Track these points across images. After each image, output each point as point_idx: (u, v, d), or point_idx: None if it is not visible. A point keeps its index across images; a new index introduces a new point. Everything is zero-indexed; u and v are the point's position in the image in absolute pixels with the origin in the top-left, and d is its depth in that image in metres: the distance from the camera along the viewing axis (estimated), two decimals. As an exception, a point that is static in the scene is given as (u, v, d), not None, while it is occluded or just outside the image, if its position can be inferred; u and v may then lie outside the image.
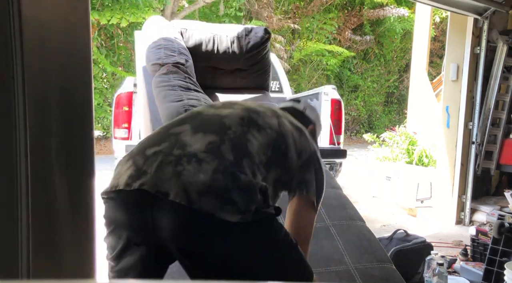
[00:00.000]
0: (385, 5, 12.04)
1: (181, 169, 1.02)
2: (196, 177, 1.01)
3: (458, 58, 3.96)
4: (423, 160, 5.20)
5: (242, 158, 1.10)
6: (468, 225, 3.89)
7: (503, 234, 2.40)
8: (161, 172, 1.03)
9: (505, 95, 3.83)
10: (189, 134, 1.12)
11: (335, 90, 3.53)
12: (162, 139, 1.13)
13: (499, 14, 3.87)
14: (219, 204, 0.99)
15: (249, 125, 1.19)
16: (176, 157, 1.05)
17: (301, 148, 1.29)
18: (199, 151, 1.06)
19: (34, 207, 0.76)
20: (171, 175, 1.02)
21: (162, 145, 1.10)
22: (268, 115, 1.27)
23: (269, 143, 1.19)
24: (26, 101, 0.74)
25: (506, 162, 3.81)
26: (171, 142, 1.11)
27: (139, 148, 1.14)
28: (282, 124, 1.27)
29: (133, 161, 1.10)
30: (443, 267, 2.31)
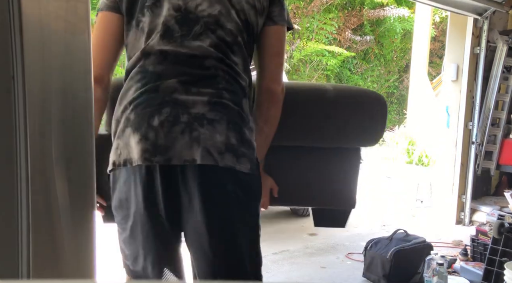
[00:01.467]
0: (385, 5, 12.05)
1: (197, 134, 1.07)
2: (214, 138, 1.08)
3: (458, 58, 3.97)
4: (423, 160, 5.21)
5: (241, 102, 1.17)
6: (468, 225, 3.89)
7: (503, 234, 2.40)
8: (180, 142, 1.07)
9: (505, 95, 3.83)
10: (183, 93, 1.11)
11: (335, 90, 3.53)
12: (158, 104, 1.10)
13: (499, 14, 3.88)
14: (235, 159, 1.10)
15: (226, 55, 1.17)
16: (186, 123, 1.08)
17: None
18: (206, 111, 1.10)
19: (34, 207, 0.76)
20: (191, 142, 1.07)
21: (163, 112, 1.09)
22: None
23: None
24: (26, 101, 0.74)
25: (506, 162, 3.81)
26: (169, 106, 1.09)
27: (139, 117, 1.10)
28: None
29: (141, 134, 1.08)
30: (443, 267, 2.31)
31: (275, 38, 1.24)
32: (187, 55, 1.14)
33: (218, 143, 1.08)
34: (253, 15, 1.19)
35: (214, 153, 1.08)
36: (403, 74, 13.39)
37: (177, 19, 1.15)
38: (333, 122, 1.43)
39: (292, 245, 3.35)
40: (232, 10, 1.16)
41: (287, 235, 3.64)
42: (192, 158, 1.07)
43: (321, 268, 2.91)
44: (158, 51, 1.14)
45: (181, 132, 1.07)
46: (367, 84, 12.75)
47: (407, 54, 12.29)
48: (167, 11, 1.14)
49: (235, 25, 1.17)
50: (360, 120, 1.46)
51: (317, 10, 11.88)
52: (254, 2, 1.19)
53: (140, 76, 1.14)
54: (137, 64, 1.15)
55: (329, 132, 1.45)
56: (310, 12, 11.87)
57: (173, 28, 1.14)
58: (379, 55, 12.95)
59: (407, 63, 12.58)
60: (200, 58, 1.14)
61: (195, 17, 1.15)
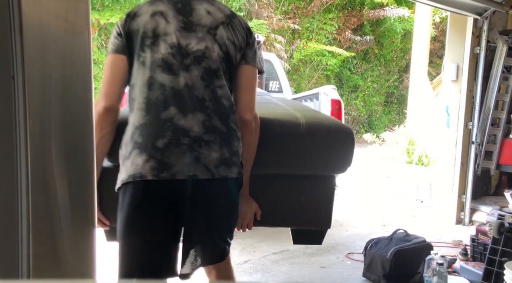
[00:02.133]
0: (385, 6, 12.05)
1: (196, 154, 1.35)
2: (210, 156, 1.37)
3: (458, 58, 3.96)
4: (423, 160, 5.20)
5: (228, 120, 1.44)
6: (468, 225, 3.89)
7: (503, 234, 2.40)
8: (183, 160, 1.34)
9: (505, 95, 3.83)
10: (181, 117, 1.37)
11: (335, 90, 3.54)
12: (161, 129, 1.35)
13: (499, 14, 3.88)
14: (228, 168, 1.40)
15: (212, 82, 1.43)
16: (187, 145, 1.35)
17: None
18: (202, 134, 1.37)
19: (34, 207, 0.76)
20: (192, 161, 1.34)
21: (166, 135, 1.35)
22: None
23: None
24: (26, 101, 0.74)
25: (506, 162, 3.81)
26: (171, 130, 1.35)
27: (145, 139, 1.35)
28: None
29: (148, 154, 1.33)
30: (443, 267, 2.31)
31: (247, 76, 1.51)
32: (182, 84, 1.39)
33: (214, 159, 1.37)
34: (233, 49, 1.46)
35: (211, 168, 1.36)
36: (403, 74, 13.39)
37: (173, 54, 1.41)
38: (306, 154, 1.64)
39: (292, 245, 3.35)
40: (215, 45, 1.44)
41: (287, 235, 3.62)
42: (193, 173, 1.34)
43: (321, 268, 2.91)
44: (159, 83, 1.39)
45: (183, 153, 1.34)
46: (367, 84, 12.74)
47: (407, 54, 12.29)
48: (164, 49, 1.40)
49: (218, 56, 1.44)
50: (330, 152, 1.66)
51: (317, 10, 11.87)
52: (234, 39, 1.46)
53: (145, 105, 1.38)
54: (142, 94, 1.39)
55: (302, 162, 1.66)
56: (310, 12, 11.86)
57: (170, 62, 1.40)
58: (379, 55, 12.95)
59: (407, 63, 12.57)
60: (192, 87, 1.40)
61: (186, 52, 1.41)
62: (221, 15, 1.47)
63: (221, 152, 1.38)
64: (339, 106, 3.44)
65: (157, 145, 1.33)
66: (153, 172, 1.31)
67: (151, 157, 1.32)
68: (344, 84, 12.62)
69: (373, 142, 6.26)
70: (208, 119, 1.39)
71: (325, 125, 1.72)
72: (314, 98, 3.68)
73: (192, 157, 1.34)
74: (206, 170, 1.35)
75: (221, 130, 1.40)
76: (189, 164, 1.33)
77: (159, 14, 1.43)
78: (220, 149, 1.38)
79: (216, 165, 1.36)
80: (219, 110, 1.42)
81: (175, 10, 1.44)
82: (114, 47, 1.44)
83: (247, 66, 1.50)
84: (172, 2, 1.46)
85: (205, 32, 1.44)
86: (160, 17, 1.42)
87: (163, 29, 1.41)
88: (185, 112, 1.37)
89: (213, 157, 1.36)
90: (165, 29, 1.41)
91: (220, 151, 1.38)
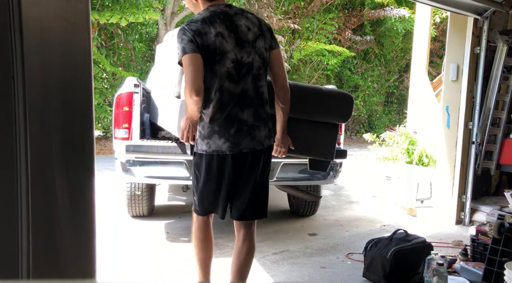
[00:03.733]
0: (386, 6, 12.05)
1: (253, 135, 2.05)
2: (260, 135, 2.08)
3: (458, 58, 3.96)
4: (423, 160, 5.20)
5: (266, 108, 2.12)
6: (468, 225, 3.89)
7: (503, 234, 2.40)
8: (246, 140, 2.04)
9: (505, 95, 3.83)
10: (241, 113, 2.02)
11: (335, 90, 3.54)
12: (231, 121, 2.01)
13: (499, 14, 3.88)
14: (270, 140, 2.14)
15: (256, 84, 2.06)
16: (246, 130, 2.03)
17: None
18: (254, 121, 2.05)
19: (34, 207, 0.76)
20: (251, 139, 2.05)
21: (235, 125, 2.01)
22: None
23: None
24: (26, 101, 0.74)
25: (506, 162, 3.81)
26: (236, 121, 2.01)
27: (221, 129, 2.00)
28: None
29: (225, 138, 2.01)
30: (443, 267, 2.31)
31: (277, 56, 2.15)
32: (240, 90, 2.02)
33: (263, 136, 2.09)
34: (265, 53, 2.09)
35: (262, 141, 2.09)
36: (403, 74, 13.39)
37: (234, 67, 1.99)
38: (324, 107, 2.57)
39: (292, 245, 3.35)
40: (256, 55, 2.04)
41: (287, 235, 3.64)
42: (253, 147, 2.06)
43: (321, 268, 2.91)
44: (226, 89, 1.99)
45: (245, 135, 2.04)
46: (367, 84, 12.74)
47: (407, 54, 12.28)
48: (228, 64, 1.98)
49: (259, 64, 2.06)
50: (337, 107, 2.61)
51: (317, 10, 11.87)
52: (265, 45, 2.08)
53: (218, 105, 1.99)
54: (216, 97, 1.98)
55: (322, 112, 2.57)
56: (310, 12, 11.86)
57: (232, 73, 1.99)
58: (379, 55, 12.95)
59: (407, 63, 12.57)
60: (246, 90, 2.03)
61: (241, 64, 2.01)
62: (256, 29, 2.04)
63: (265, 131, 2.09)
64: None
65: (230, 132, 2.00)
66: (229, 149, 2.01)
67: (227, 139, 2.00)
68: (344, 84, 12.62)
69: (373, 142, 6.26)
70: (255, 111, 2.06)
71: (335, 91, 2.81)
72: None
73: (250, 137, 2.04)
74: (259, 144, 2.07)
75: (263, 117, 2.09)
76: (249, 142, 2.04)
77: (219, 35, 1.95)
78: (264, 130, 2.09)
79: (265, 139, 2.09)
80: (261, 104, 2.09)
81: (228, 30, 1.97)
82: (191, 48, 1.91)
83: (275, 50, 2.13)
84: (222, 20, 1.97)
85: (250, 47, 2.01)
86: (221, 37, 1.95)
87: (225, 48, 1.96)
88: (243, 109, 2.02)
89: (262, 135, 2.07)
90: (226, 48, 1.96)
91: (265, 131, 2.09)
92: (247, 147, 2.04)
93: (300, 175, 3.37)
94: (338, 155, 3.27)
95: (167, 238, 3.47)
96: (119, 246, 3.26)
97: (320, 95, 2.60)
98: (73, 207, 0.84)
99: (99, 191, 4.26)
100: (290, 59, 11.43)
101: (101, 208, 3.80)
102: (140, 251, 3.17)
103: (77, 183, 0.85)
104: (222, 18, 1.97)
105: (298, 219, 4.14)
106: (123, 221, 3.86)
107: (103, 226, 3.62)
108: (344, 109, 2.62)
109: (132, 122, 3.31)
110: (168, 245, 3.32)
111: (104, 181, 5.29)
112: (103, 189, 4.97)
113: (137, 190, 3.68)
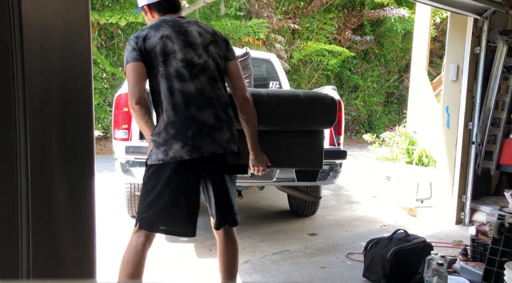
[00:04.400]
0: (386, 6, 12.05)
1: (213, 137, 1.89)
2: (222, 138, 1.91)
3: (458, 58, 3.96)
4: (423, 160, 5.20)
5: (228, 111, 1.98)
6: (468, 225, 3.89)
7: (503, 234, 2.40)
8: (205, 142, 1.87)
9: (505, 95, 3.83)
10: (199, 113, 1.88)
11: (335, 91, 3.53)
12: (188, 123, 1.85)
13: (499, 14, 3.88)
14: (233, 145, 1.97)
15: (214, 86, 1.95)
16: (206, 132, 1.87)
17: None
18: (214, 123, 1.90)
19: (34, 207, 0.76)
20: (211, 142, 1.88)
21: (193, 127, 1.85)
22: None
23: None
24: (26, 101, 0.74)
25: (506, 162, 3.81)
26: (195, 123, 1.86)
27: (178, 132, 1.84)
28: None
29: (183, 142, 1.84)
30: (443, 267, 2.31)
31: (234, 68, 2.07)
32: (195, 89, 1.90)
33: (225, 139, 1.92)
34: (220, 59, 2.02)
35: (224, 145, 1.92)
36: (403, 74, 13.39)
37: (183, 66, 1.89)
38: (302, 115, 2.30)
39: (292, 245, 3.35)
40: (210, 59, 1.98)
41: (287, 235, 3.64)
42: (213, 150, 1.89)
43: (321, 268, 2.91)
44: (177, 89, 1.87)
45: (205, 137, 1.87)
46: (367, 84, 12.74)
47: (407, 54, 12.29)
48: (176, 63, 1.89)
49: (213, 67, 1.97)
50: (319, 113, 2.33)
51: (317, 10, 11.87)
52: (219, 52, 2.02)
53: (171, 106, 1.86)
54: (166, 99, 1.87)
55: (300, 120, 2.32)
56: (310, 12, 11.86)
57: (182, 72, 1.89)
58: (379, 55, 12.95)
59: (407, 63, 12.57)
60: (202, 90, 1.91)
61: (192, 64, 1.92)
62: (209, 36, 2.01)
63: (227, 134, 1.94)
64: (339, 107, 3.44)
65: (187, 135, 1.84)
66: (188, 153, 1.84)
67: (185, 143, 1.84)
68: (344, 84, 12.62)
69: (373, 142, 6.26)
70: (216, 112, 1.92)
71: (315, 95, 2.38)
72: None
73: (210, 139, 1.88)
74: (220, 147, 1.90)
75: (225, 119, 1.95)
76: (209, 144, 1.87)
77: (165, 37, 1.90)
78: (227, 132, 1.94)
79: (227, 143, 1.93)
80: (222, 105, 1.95)
81: (175, 33, 1.92)
82: (132, 57, 1.88)
83: (231, 62, 2.06)
84: (171, 26, 1.94)
85: (201, 49, 1.95)
86: (166, 38, 1.90)
87: (171, 48, 1.89)
88: (201, 109, 1.88)
89: (223, 138, 1.92)
90: (173, 48, 1.89)
91: (227, 133, 1.94)
92: (208, 150, 1.87)
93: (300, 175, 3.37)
94: (338, 156, 3.27)
95: (167, 238, 3.47)
96: (119, 246, 3.26)
97: (298, 102, 2.30)
98: (73, 207, 0.84)
99: (99, 191, 4.26)
100: (290, 59, 11.43)
101: (101, 208, 3.80)
102: (140, 251, 3.16)
103: (77, 183, 0.85)
104: (171, 24, 1.94)
105: (298, 219, 4.14)
106: (123, 221, 3.86)
107: (103, 226, 3.62)
108: (327, 115, 2.35)
109: (132, 123, 3.30)
110: (168, 245, 3.32)
111: (104, 181, 5.29)
112: (103, 189, 4.96)
113: (137, 191, 3.68)
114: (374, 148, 6.15)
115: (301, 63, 11.83)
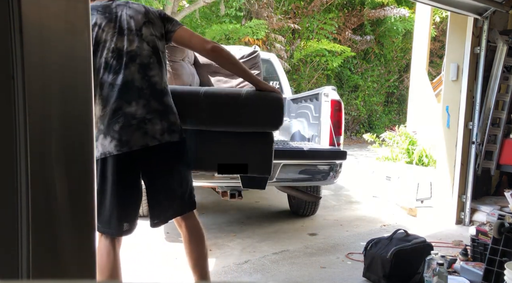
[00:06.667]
0: (386, 5, 12.05)
1: (144, 129, 1.81)
2: (154, 129, 1.83)
3: (458, 58, 3.96)
4: (423, 160, 5.20)
5: (163, 100, 1.88)
6: (468, 225, 3.89)
7: (503, 234, 2.40)
8: (135, 136, 1.79)
9: (505, 95, 3.83)
10: (128, 106, 1.80)
11: (335, 91, 3.53)
12: (115, 117, 1.78)
13: (499, 14, 3.87)
14: (170, 135, 1.86)
15: (146, 74, 1.86)
16: (136, 124, 1.80)
17: None
18: (145, 114, 1.81)
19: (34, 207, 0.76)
20: (143, 135, 1.81)
21: (120, 120, 1.78)
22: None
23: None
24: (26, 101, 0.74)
25: (506, 162, 3.81)
26: (122, 116, 1.79)
27: (106, 127, 1.79)
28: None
29: (111, 137, 1.78)
30: (443, 267, 2.31)
31: (184, 35, 1.95)
32: (122, 80, 1.81)
33: (158, 130, 1.83)
34: (157, 41, 1.91)
35: (158, 136, 1.83)
36: (403, 74, 13.39)
37: (112, 57, 1.82)
38: (243, 115, 2.10)
39: (292, 245, 3.35)
40: (144, 44, 1.87)
41: (287, 235, 3.64)
42: (146, 143, 1.81)
43: (321, 268, 2.91)
44: (105, 82, 1.81)
45: (134, 130, 1.79)
46: (367, 84, 12.74)
47: (407, 54, 12.29)
48: (106, 53, 1.81)
49: (148, 52, 1.87)
50: (263, 114, 2.11)
51: (317, 10, 11.87)
52: (155, 32, 1.90)
53: (100, 101, 1.81)
54: (97, 93, 1.81)
55: (241, 121, 2.11)
56: (310, 12, 11.86)
57: (110, 63, 1.82)
58: (379, 55, 12.95)
59: (407, 63, 12.57)
60: (131, 81, 1.82)
61: (122, 53, 1.83)
62: (140, 16, 1.89)
63: (162, 124, 1.84)
64: (339, 107, 3.43)
65: (114, 129, 1.78)
66: (117, 148, 1.78)
67: (113, 138, 1.78)
68: (344, 84, 12.62)
69: (373, 142, 6.26)
70: (147, 103, 1.83)
71: (259, 94, 2.12)
72: (314, 99, 3.68)
73: (141, 132, 1.80)
74: (154, 139, 1.82)
75: (158, 109, 1.85)
76: (140, 138, 1.80)
77: (96, 26, 1.82)
78: (160, 122, 1.84)
79: (161, 134, 1.83)
80: (154, 95, 1.86)
81: (106, 20, 1.84)
82: None
83: (176, 32, 1.94)
84: (101, 13, 1.85)
85: (133, 35, 1.85)
86: (97, 28, 1.82)
87: (101, 38, 1.82)
88: (129, 101, 1.80)
89: (157, 128, 1.82)
90: (104, 37, 1.82)
91: (161, 123, 1.84)
92: (137, 143, 1.78)
93: (300, 175, 3.37)
94: (338, 156, 3.26)
95: (167, 238, 3.47)
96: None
97: (237, 101, 2.09)
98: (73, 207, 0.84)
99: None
100: (290, 59, 11.43)
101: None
102: (140, 251, 3.17)
103: (77, 183, 0.85)
104: (101, 11, 1.85)
105: (298, 219, 4.14)
106: (123, 221, 3.85)
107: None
108: (271, 116, 2.10)
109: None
110: (168, 245, 3.32)
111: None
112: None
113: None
114: (374, 148, 6.15)
115: (301, 63, 11.83)
